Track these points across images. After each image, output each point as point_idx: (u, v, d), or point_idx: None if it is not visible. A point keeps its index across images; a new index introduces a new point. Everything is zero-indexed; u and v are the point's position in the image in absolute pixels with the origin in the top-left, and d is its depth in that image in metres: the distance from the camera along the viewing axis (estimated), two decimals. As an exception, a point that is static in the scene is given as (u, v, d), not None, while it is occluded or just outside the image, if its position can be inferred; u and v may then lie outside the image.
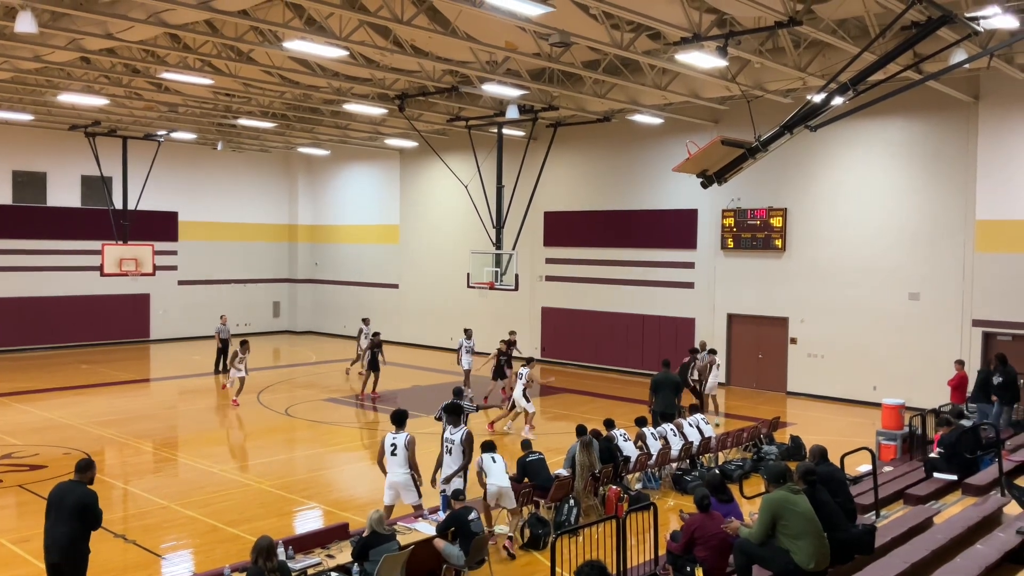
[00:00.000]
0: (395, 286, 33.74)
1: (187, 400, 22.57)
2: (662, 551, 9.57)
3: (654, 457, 13.97)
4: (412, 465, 10.97)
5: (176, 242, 33.55)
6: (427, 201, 32.45)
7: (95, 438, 17.32)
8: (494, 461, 11.38)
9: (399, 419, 11.24)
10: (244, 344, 21.48)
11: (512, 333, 22.89)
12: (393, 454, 10.97)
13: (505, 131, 24.86)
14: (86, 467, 8.22)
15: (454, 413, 11.77)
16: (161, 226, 32.58)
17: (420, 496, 11.05)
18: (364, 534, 8.88)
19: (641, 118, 23.47)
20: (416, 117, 24.48)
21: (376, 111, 23.48)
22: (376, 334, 23.02)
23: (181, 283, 33.75)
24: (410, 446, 10.95)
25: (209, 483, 14.34)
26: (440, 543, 9.50)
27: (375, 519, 8.86)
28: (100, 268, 27.45)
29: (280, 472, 15.19)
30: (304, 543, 9.28)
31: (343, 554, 9.03)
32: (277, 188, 37.14)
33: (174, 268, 33.35)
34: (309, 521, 12.54)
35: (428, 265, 32.33)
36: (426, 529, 9.86)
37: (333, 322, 36.34)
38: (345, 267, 35.95)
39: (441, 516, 10.10)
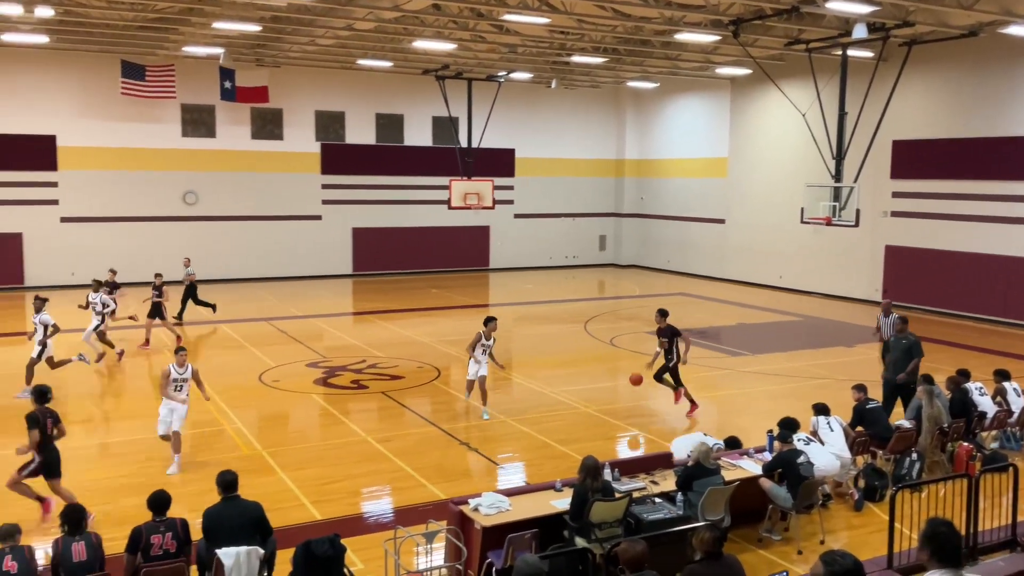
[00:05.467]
0: (721, 221, 32.94)
1: (522, 325, 24.07)
2: (1021, 517, 8.51)
3: (1016, 415, 12.39)
4: None
5: (512, 177, 35.56)
6: (758, 132, 31.05)
7: (442, 354, 19.13)
8: (831, 428, 10.49)
9: None
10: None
11: (158, 275, 19.60)
12: None
13: (850, 53, 22.82)
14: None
15: None
16: (500, 162, 34.68)
17: None
18: (689, 463, 8.91)
19: (1017, 30, 20.27)
20: (751, 43, 23.31)
21: (708, 39, 22.74)
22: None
23: (516, 216, 35.84)
24: None
25: (540, 403, 15.24)
26: (767, 483, 9.26)
27: (703, 452, 8.83)
28: (448, 202, 30.00)
29: (605, 398, 15.70)
30: (629, 467, 9.51)
31: (667, 482, 9.13)
32: (605, 123, 37.70)
33: (511, 203, 35.45)
34: (632, 447, 12.88)
35: (757, 199, 31.08)
36: (751, 467, 9.65)
37: (657, 256, 36.49)
38: (670, 201, 35.75)
39: (767, 456, 9.82)
